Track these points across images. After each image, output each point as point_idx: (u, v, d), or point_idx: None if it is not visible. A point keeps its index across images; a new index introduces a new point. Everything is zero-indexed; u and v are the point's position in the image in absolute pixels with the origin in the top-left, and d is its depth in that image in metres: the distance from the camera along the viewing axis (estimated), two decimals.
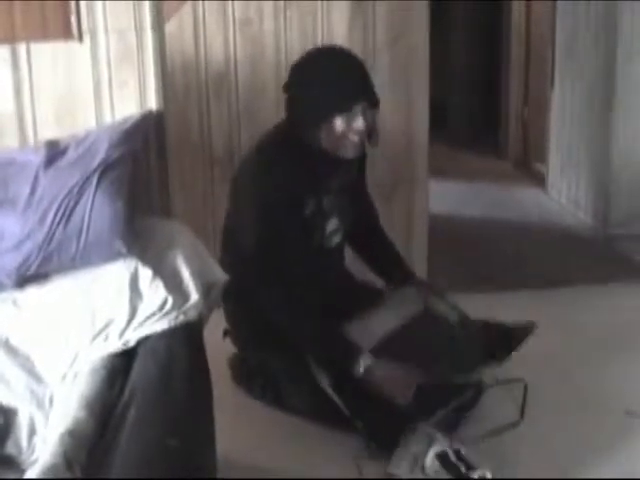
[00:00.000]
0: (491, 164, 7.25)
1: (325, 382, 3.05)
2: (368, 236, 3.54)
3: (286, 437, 3.10)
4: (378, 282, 3.52)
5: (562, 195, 6.09)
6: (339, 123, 3.03)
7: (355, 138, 3.07)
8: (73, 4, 2.60)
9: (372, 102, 3.09)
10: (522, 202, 6.28)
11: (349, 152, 3.12)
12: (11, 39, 2.62)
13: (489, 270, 4.76)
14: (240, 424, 3.10)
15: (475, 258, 4.99)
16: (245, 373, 3.40)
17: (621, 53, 5.04)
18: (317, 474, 2.81)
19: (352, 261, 3.56)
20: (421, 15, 4.18)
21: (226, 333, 3.39)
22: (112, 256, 2.21)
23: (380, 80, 4.20)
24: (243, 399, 3.34)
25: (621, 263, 4.87)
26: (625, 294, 4.35)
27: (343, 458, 2.92)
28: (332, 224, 3.28)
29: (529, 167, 7.05)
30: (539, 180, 6.60)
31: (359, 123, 3.04)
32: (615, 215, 5.22)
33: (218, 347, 2.79)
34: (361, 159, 3.38)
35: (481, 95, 7.94)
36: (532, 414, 3.10)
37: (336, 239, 3.32)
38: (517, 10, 7.08)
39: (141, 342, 2.15)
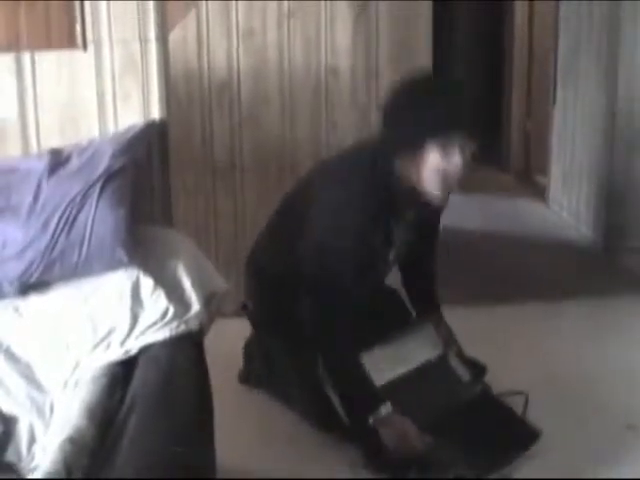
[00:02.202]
0: (492, 176, 7.26)
1: (331, 390, 3.05)
2: (414, 267, 3.46)
3: (284, 443, 3.12)
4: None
5: (563, 208, 6.10)
6: (434, 155, 2.81)
7: (449, 179, 2.86)
8: (78, 13, 2.61)
9: (472, 138, 2.85)
10: (523, 214, 6.30)
11: (438, 198, 2.93)
12: (16, 47, 2.63)
13: (489, 282, 4.76)
14: (240, 429, 3.10)
15: (475, 270, 4.99)
16: (254, 371, 3.48)
17: (623, 67, 5.05)
18: None
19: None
20: (425, 25, 4.19)
21: (244, 307, 3.37)
22: (114, 265, 2.21)
23: (382, 90, 4.22)
24: (244, 404, 3.36)
25: (622, 276, 4.87)
26: (625, 307, 4.35)
27: (340, 465, 2.93)
28: (393, 254, 3.17)
29: (530, 179, 7.07)
30: (540, 192, 6.61)
31: (456, 159, 2.82)
32: (616, 228, 5.22)
33: (222, 354, 2.79)
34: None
35: (483, 106, 7.95)
36: None
37: (391, 267, 3.27)
38: (520, 22, 7.10)
39: (142, 351, 2.16)
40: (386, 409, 2.90)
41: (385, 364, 3.10)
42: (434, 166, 2.83)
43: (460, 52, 8.03)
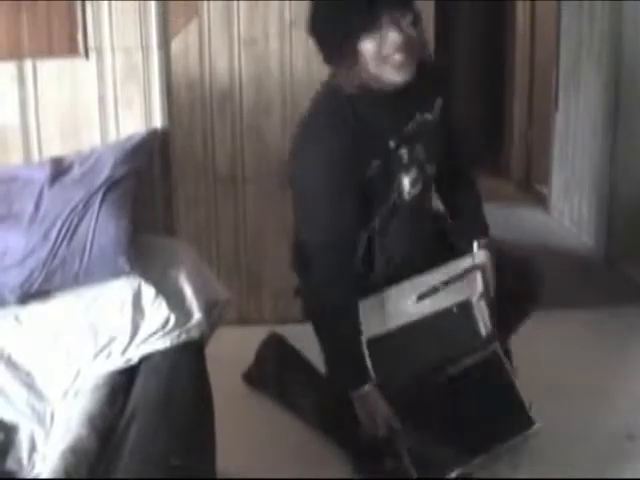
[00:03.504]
0: (494, 185, 7.24)
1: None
2: (450, 185, 3.11)
3: (286, 451, 3.13)
4: None
5: (565, 217, 6.09)
6: (368, 46, 2.60)
7: (396, 56, 2.60)
8: (80, 21, 2.61)
9: (403, 8, 2.60)
10: (524, 223, 6.29)
11: (396, 74, 2.63)
12: (17, 55, 2.63)
13: None
14: (242, 437, 3.11)
15: None
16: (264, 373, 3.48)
17: (625, 75, 5.05)
18: None
19: None
20: (426, 33, 4.19)
21: (298, 292, 3.16)
22: (115, 273, 2.21)
23: None
24: (245, 412, 3.36)
25: (623, 285, 4.86)
26: (626, 316, 4.35)
27: (340, 473, 2.96)
28: (411, 175, 2.87)
29: (532, 188, 7.06)
30: (542, 201, 6.60)
31: (393, 37, 2.57)
32: (617, 237, 5.22)
33: (223, 362, 2.79)
34: (433, 87, 2.87)
35: (485, 114, 7.95)
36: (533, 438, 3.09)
37: (414, 191, 2.88)
38: (521, 31, 7.10)
39: (143, 360, 2.16)
40: (368, 388, 2.82)
41: (406, 304, 2.92)
42: (376, 57, 2.62)
43: (462, 56, 8.01)
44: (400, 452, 2.81)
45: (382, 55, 2.61)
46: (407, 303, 2.92)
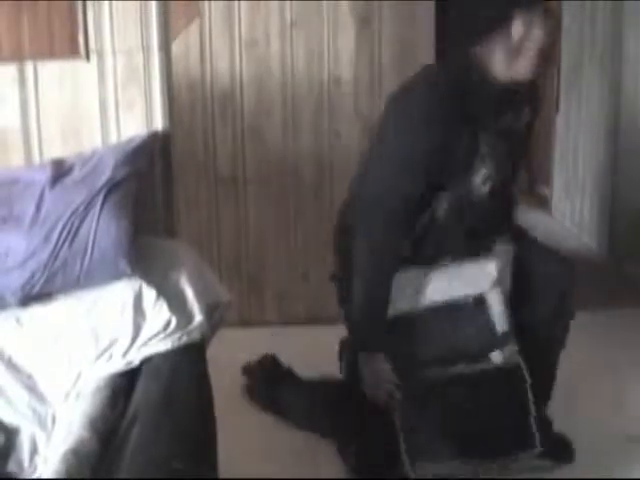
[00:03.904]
0: None
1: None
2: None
3: (285, 453, 3.13)
4: None
5: (566, 218, 6.09)
6: (519, 27, 2.66)
7: (531, 54, 2.69)
8: (81, 23, 2.61)
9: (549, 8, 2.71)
10: (526, 224, 6.27)
11: (524, 72, 2.73)
12: (19, 57, 2.63)
13: None
14: (242, 440, 3.11)
15: None
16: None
17: (626, 76, 5.05)
18: None
19: None
20: (427, 34, 4.19)
21: (333, 277, 3.13)
22: (116, 276, 2.21)
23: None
24: (246, 415, 3.36)
25: (625, 286, 4.86)
26: (628, 317, 4.35)
27: (340, 474, 2.98)
28: (483, 172, 2.86)
29: (533, 190, 7.06)
30: (543, 203, 6.60)
31: (538, 34, 2.67)
32: (619, 239, 5.21)
33: (224, 364, 2.79)
34: (535, 101, 2.96)
35: None
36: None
37: (483, 189, 2.89)
38: None
39: (145, 362, 2.15)
40: (373, 356, 2.81)
41: (425, 289, 2.88)
42: (517, 43, 2.69)
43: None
44: (397, 436, 2.80)
45: (522, 44, 2.68)
46: (426, 289, 2.87)
